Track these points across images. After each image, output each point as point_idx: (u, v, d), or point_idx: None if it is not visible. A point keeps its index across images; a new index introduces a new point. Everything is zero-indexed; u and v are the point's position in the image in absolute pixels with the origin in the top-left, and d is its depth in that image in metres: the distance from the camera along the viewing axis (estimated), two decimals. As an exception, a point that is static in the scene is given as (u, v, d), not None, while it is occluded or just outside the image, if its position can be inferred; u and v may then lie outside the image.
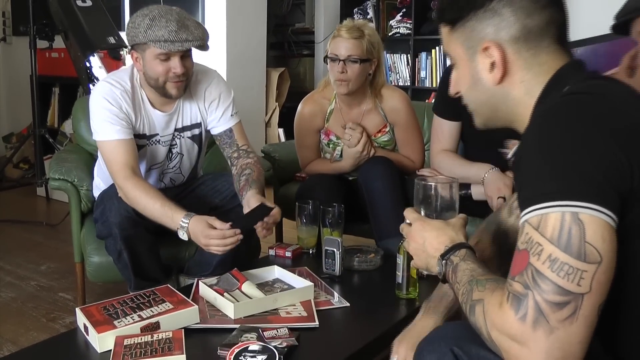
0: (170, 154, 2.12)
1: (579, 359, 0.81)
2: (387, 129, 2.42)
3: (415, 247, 1.12)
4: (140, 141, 2.03)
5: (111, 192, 1.94)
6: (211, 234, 1.76)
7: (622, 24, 1.57)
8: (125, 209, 1.87)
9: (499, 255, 1.29)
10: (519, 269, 0.83)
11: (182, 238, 1.82)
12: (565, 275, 0.79)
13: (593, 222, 0.80)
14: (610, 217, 0.81)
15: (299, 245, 2.11)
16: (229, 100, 2.12)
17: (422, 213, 1.17)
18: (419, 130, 2.48)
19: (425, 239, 1.09)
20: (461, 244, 1.05)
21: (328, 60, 2.30)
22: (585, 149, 0.83)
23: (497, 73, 1.00)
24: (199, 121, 2.12)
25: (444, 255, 1.04)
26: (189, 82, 2.00)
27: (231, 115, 2.11)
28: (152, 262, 1.98)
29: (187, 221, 1.79)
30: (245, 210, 1.87)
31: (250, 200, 1.87)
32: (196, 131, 2.13)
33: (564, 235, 0.80)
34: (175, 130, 2.09)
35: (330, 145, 2.46)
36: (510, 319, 0.82)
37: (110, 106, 1.93)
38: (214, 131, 2.13)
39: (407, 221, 1.16)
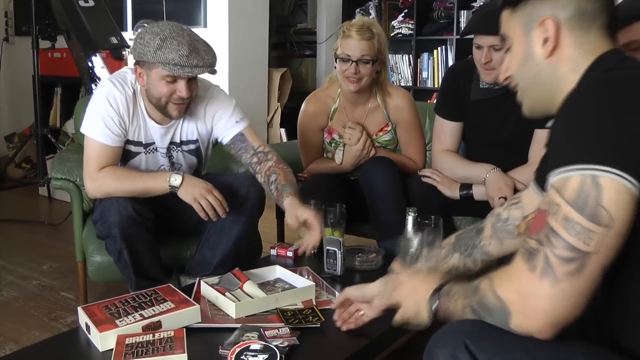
0: (172, 166, 2.12)
1: (579, 311, 0.87)
2: (389, 129, 2.42)
3: (405, 293, 1.16)
4: (136, 148, 2.03)
5: None
6: (212, 188, 1.84)
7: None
8: (125, 209, 1.86)
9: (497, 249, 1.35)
10: (537, 229, 0.90)
11: (173, 184, 1.86)
12: (576, 234, 0.85)
13: (611, 186, 0.85)
14: (630, 183, 0.85)
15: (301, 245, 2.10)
16: (230, 108, 2.10)
17: (408, 263, 1.28)
18: (421, 131, 2.47)
19: (415, 285, 1.15)
20: (448, 282, 1.10)
21: (338, 60, 2.28)
22: (612, 118, 0.88)
23: (549, 46, 1.05)
24: (195, 138, 2.10)
25: (436, 292, 1.09)
26: (190, 104, 2.00)
27: (236, 121, 2.10)
28: (153, 261, 1.97)
29: (180, 176, 1.87)
30: (289, 219, 1.90)
31: (293, 209, 1.90)
32: (192, 147, 2.12)
33: (581, 197, 0.86)
34: (172, 143, 2.08)
35: (333, 144, 2.46)
36: (520, 271, 0.90)
37: (109, 108, 1.92)
38: (225, 140, 2.11)
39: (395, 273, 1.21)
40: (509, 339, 0.92)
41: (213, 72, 1.88)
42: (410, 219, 1.78)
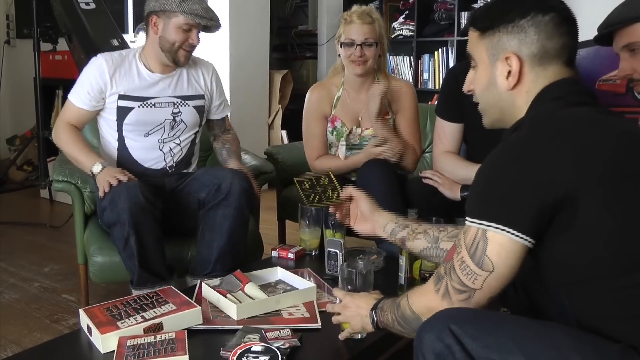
0: (174, 122, 2.20)
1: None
2: (389, 117, 2.44)
3: (351, 314, 1.36)
4: (130, 102, 2.14)
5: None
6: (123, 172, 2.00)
7: (605, 35, 1.59)
8: (135, 195, 1.91)
9: None
10: (448, 259, 1.12)
11: (94, 170, 2.04)
12: (466, 274, 1.07)
13: (495, 240, 1.03)
14: (516, 237, 1.02)
15: (302, 246, 2.11)
16: (224, 94, 2.42)
17: (349, 289, 1.43)
18: (418, 121, 2.52)
19: (357, 306, 1.34)
20: (382, 299, 1.32)
21: (342, 46, 2.36)
22: (507, 179, 1.03)
23: (512, 81, 1.16)
24: (201, 93, 2.28)
25: (374, 308, 1.29)
26: (191, 55, 2.21)
27: (225, 106, 2.42)
28: (158, 256, 1.97)
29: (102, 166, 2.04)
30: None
31: (230, 166, 2.28)
32: (200, 102, 2.27)
33: (473, 245, 1.06)
34: (177, 97, 2.21)
35: (335, 133, 2.46)
36: (429, 290, 1.13)
37: (88, 75, 2.14)
38: (213, 117, 2.38)
39: (337, 300, 1.43)
40: (489, 322, 1.04)
41: (215, 29, 2.18)
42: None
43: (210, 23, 2.12)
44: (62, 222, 3.65)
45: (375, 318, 1.28)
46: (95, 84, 2.11)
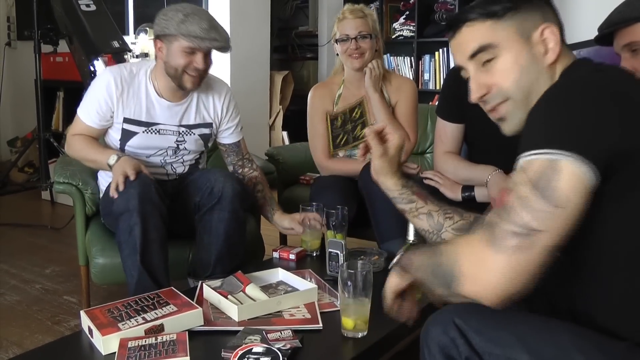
0: (177, 150, 2.18)
1: (526, 287, 0.92)
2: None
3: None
4: (134, 127, 2.10)
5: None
6: (139, 165, 1.95)
7: (606, 35, 1.59)
8: (148, 185, 1.90)
9: None
10: (500, 204, 0.96)
11: (110, 162, 1.99)
12: (530, 211, 0.91)
13: (569, 170, 0.89)
14: (588, 169, 0.89)
15: (303, 247, 2.11)
16: (238, 117, 2.31)
17: (346, 295, 1.42)
18: (416, 115, 2.55)
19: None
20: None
21: (338, 43, 2.41)
22: (580, 109, 0.93)
23: (555, 51, 1.09)
24: (209, 121, 2.22)
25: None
26: (203, 79, 2.10)
27: (240, 129, 2.32)
28: (161, 258, 1.92)
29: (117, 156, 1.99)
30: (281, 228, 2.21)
31: (283, 222, 2.19)
32: (206, 131, 2.22)
33: (541, 178, 0.91)
34: (183, 125, 2.16)
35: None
36: (478, 242, 0.95)
37: (97, 92, 2.08)
38: (225, 141, 2.29)
39: None
40: (494, 316, 0.99)
41: (227, 50, 2.05)
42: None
43: (212, 45, 1.99)
44: (64, 223, 3.65)
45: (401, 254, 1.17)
46: (104, 104, 2.08)
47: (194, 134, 2.19)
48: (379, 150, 1.36)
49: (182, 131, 2.16)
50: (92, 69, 3.66)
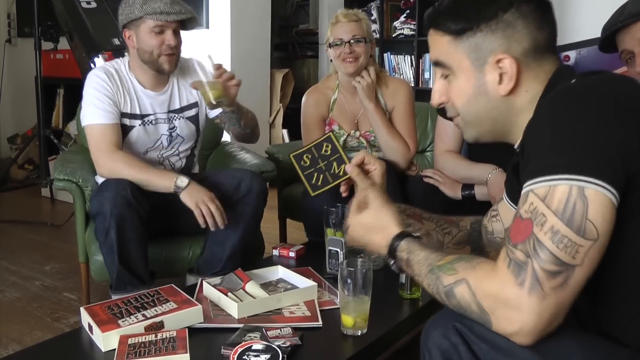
0: (170, 138, 2.17)
1: (560, 321, 0.89)
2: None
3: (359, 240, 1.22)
4: (131, 121, 2.09)
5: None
6: (214, 198, 1.90)
7: (609, 40, 1.58)
8: (123, 188, 1.87)
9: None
10: (522, 238, 0.88)
11: (179, 184, 1.91)
12: (563, 248, 0.85)
13: (597, 199, 0.84)
14: (613, 195, 0.85)
15: (206, 102, 2.06)
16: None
17: (346, 293, 1.41)
18: (414, 120, 2.50)
19: (366, 242, 1.20)
20: (399, 236, 1.12)
21: (332, 47, 2.36)
22: (596, 125, 0.87)
23: (509, 85, 1.02)
24: (194, 101, 2.22)
25: (390, 254, 1.13)
26: (178, 58, 2.12)
27: None
28: (139, 255, 1.92)
29: (187, 179, 1.93)
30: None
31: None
32: (192, 112, 2.22)
33: (568, 208, 0.85)
34: (171, 111, 2.16)
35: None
36: (509, 285, 0.88)
37: (95, 92, 2.04)
38: (214, 113, 2.25)
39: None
40: None
41: (195, 23, 2.08)
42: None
43: (179, 17, 2.01)
44: (63, 220, 3.65)
45: (397, 265, 1.12)
46: (111, 97, 2.05)
47: (183, 117, 2.20)
48: (365, 183, 1.31)
49: (172, 117, 2.17)
50: (92, 66, 3.66)
